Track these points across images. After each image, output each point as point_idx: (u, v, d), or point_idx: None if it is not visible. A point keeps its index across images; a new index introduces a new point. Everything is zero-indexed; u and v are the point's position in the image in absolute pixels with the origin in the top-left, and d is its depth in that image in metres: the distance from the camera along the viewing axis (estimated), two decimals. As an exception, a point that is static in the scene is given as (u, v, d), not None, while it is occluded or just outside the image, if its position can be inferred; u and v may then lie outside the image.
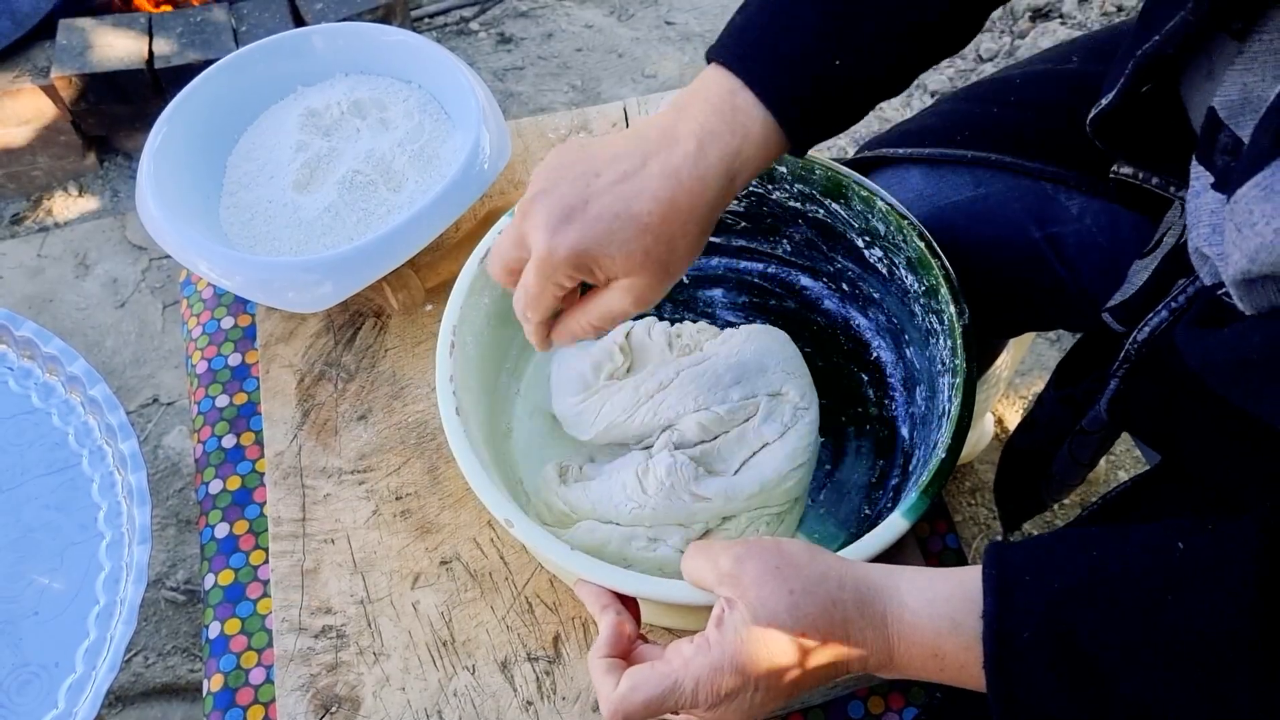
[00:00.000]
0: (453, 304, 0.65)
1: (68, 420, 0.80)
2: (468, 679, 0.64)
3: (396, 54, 0.84)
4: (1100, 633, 0.46)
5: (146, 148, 0.77)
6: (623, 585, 0.55)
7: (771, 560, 0.50)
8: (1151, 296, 0.59)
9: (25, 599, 0.73)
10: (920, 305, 0.68)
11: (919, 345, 0.69)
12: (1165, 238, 0.60)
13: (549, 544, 0.56)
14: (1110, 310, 0.62)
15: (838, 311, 0.78)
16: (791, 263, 0.79)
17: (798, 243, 0.77)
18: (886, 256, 0.70)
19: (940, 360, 0.65)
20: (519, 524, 0.57)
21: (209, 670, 0.67)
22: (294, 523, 0.70)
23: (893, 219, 0.68)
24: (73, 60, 1.62)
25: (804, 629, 0.48)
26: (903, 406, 0.73)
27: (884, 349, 0.75)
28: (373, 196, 0.77)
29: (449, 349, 0.63)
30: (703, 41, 1.92)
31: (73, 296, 1.56)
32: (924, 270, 0.66)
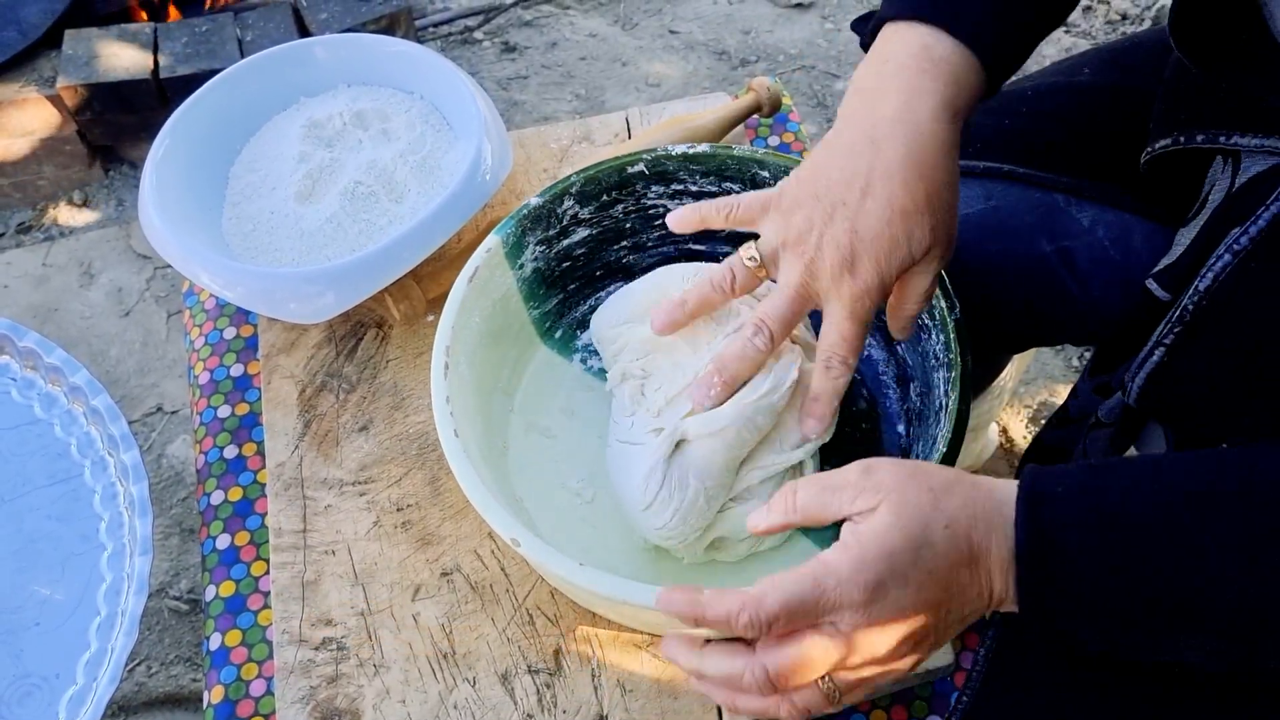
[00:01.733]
0: (444, 325, 0.65)
1: (70, 431, 0.80)
2: (468, 691, 0.63)
3: (399, 65, 0.84)
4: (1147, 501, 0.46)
5: (149, 159, 0.77)
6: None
7: (904, 466, 0.49)
8: (1201, 256, 0.58)
9: (27, 610, 0.73)
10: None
11: (910, 342, 0.69)
12: (1210, 195, 0.59)
13: (558, 561, 0.55)
14: (1156, 276, 0.61)
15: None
16: None
17: None
18: None
19: (934, 355, 0.64)
20: (526, 542, 0.56)
21: (210, 682, 0.67)
22: (295, 534, 0.70)
23: None
24: (78, 70, 1.62)
25: (948, 520, 0.47)
26: (897, 404, 0.72)
27: (874, 347, 0.74)
28: (374, 207, 0.77)
29: (443, 370, 0.63)
30: (706, 50, 1.92)
31: (77, 305, 1.57)
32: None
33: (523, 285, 0.72)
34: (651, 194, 0.73)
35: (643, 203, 0.73)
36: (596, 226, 0.73)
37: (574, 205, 0.71)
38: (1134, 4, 1.88)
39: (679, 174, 0.72)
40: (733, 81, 1.85)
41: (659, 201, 0.73)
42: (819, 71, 1.88)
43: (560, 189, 0.70)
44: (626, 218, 0.74)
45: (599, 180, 0.71)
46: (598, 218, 0.73)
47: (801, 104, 1.82)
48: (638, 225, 0.75)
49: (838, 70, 1.88)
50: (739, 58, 1.90)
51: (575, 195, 0.71)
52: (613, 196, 0.72)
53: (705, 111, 0.86)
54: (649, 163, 0.71)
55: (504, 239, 0.69)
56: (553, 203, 0.70)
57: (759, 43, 1.93)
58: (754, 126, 0.91)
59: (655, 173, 0.72)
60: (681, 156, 0.71)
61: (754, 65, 1.89)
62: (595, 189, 0.71)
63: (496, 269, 0.69)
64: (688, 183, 0.72)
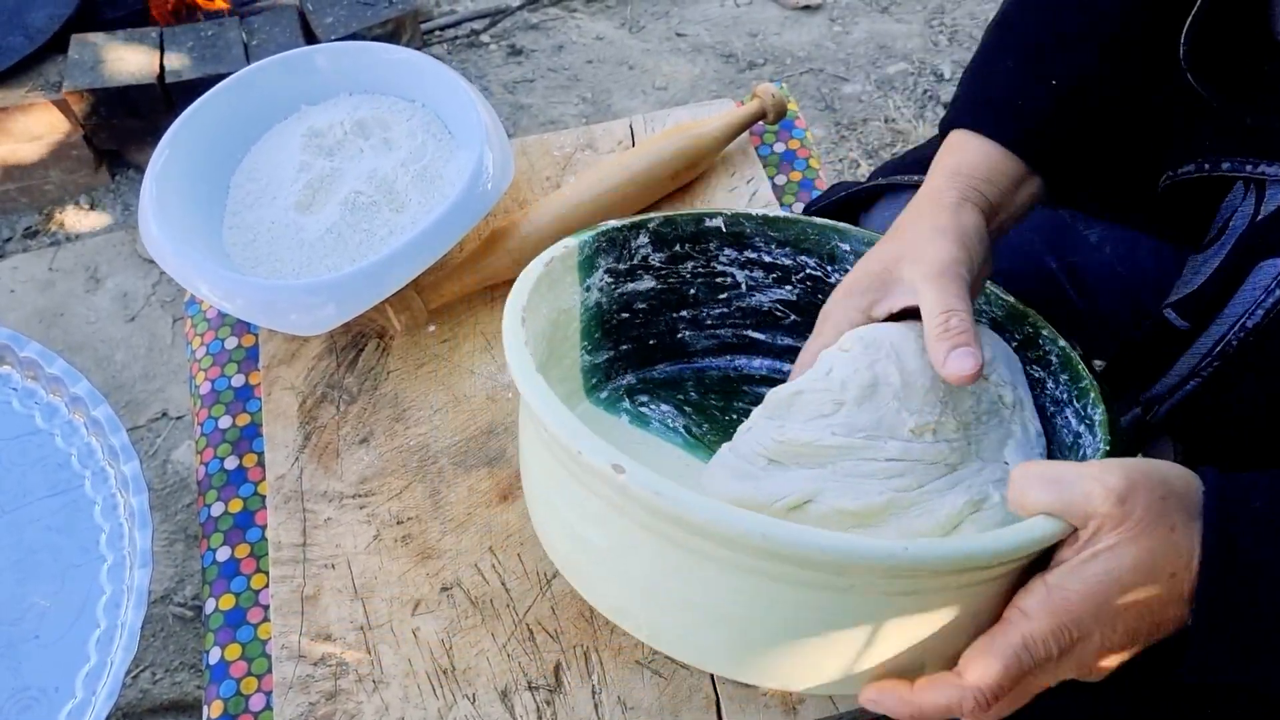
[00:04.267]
0: (518, 295, 0.58)
1: (71, 442, 0.80)
2: (468, 708, 0.63)
3: (400, 73, 0.83)
4: None
5: (149, 169, 0.77)
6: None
7: (1158, 489, 0.44)
8: (1227, 285, 0.57)
9: (26, 622, 0.73)
10: (1022, 359, 0.63)
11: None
12: (1232, 221, 0.58)
13: (680, 496, 0.44)
14: (1174, 306, 0.60)
15: None
16: None
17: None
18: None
19: (1053, 399, 0.61)
20: (630, 469, 0.44)
21: (209, 696, 0.67)
22: (294, 547, 0.70)
23: None
24: (84, 75, 1.62)
25: (1175, 568, 0.43)
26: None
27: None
28: (375, 217, 0.76)
29: (520, 320, 0.56)
30: (713, 53, 1.91)
31: (83, 310, 1.57)
32: (1015, 324, 0.64)
33: (584, 314, 0.68)
34: (723, 257, 0.70)
35: (713, 265, 0.70)
36: (663, 281, 0.70)
37: (647, 245, 0.68)
38: (1145, 6, 1.86)
39: (755, 239, 0.69)
40: (740, 84, 1.84)
41: (728, 269, 0.70)
42: (827, 74, 1.87)
43: (639, 221, 0.68)
44: (694, 280, 0.71)
45: (675, 225, 0.68)
46: (666, 269, 0.70)
47: (809, 107, 1.81)
48: (702, 293, 0.71)
49: (845, 73, 1.87)
50: (746, 60, 1.89)
51: (651, 233, 0.68)
52: (685, 249, 0.69)
53: (710, 119, 0.85)
54: (727, 219, 0.69)
55: (580, 246, 0.65)
56: (629, 231, 0.67)
57: (766, 45, 1.92)
58: (760, 133, 0.91)
59: (731, 232, 0.69)
60: (760, 219, 0.69)
61: (761, 68, 1.88)
62: (670, 233, 0.69)
63: (567, 273, 0.65)
64: (762, 251, 0.70)
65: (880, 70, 1.87)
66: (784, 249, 0.69)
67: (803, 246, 0.69)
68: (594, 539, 0.50)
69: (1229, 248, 0.57)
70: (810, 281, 0.70)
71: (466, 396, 0.75)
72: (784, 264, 0.70)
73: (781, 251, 0.69)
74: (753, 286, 0.71)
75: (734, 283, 0.70)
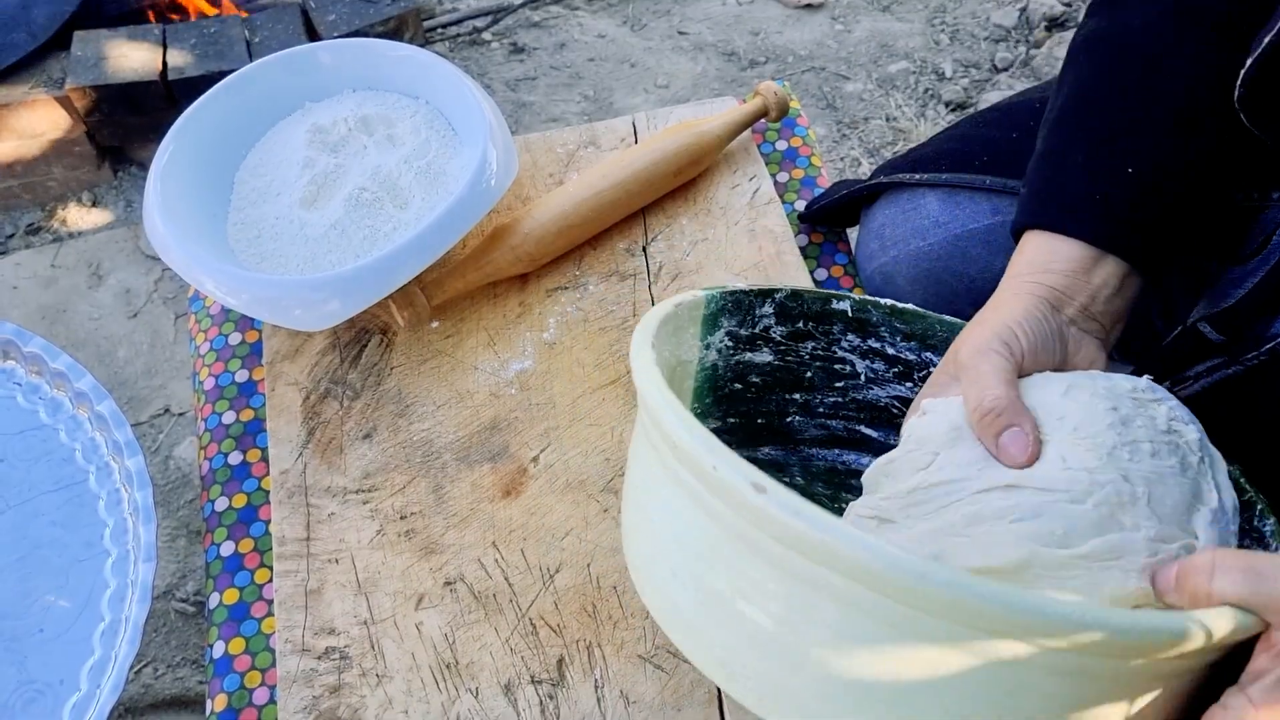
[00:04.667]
0: (648, 325, 0.54)
1: (75, 436, 0.80)
2: (471, 702, 0.63)
3: (404, 70, 0.84)
4: None
5: (153, 166, 0.77)
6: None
7: None
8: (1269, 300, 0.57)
9: (31, 616, 0.73)
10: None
11: None
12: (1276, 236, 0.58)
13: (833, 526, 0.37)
14: (1208, 319, 0.59)
15: None
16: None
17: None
18: None
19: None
20: (772, 489, 0.39)
21: (213, 690, 0.67)
22: (298, 542, 0.70)
23: None
24: (87, 72, 1.62)
25: None
26: None
27: None
28: (379, 214, 0.77)
29: (649, 344, 0.52)
30: (715, 51, 1.92)
31: (86, 307, 1.57)
32: None
33: (700, 373, 0.64)
34: (845, 343, 0.67)
35: (833, 350, 0.67)
36: (781, 357, 0.67)
37: (772, 314, 0.65)
38: (1146, 5, 1.86)
39: (880, 328, 0.66)
40: (742, 83, 1.84)
41: (849, 355, 0.67)
42: (829, 73, 1.87)
43: (766, 290, 0.65)
44: (811, 362, 0.67)
45: (801, 299, 0.65)
46: (786, 346, 0.66)
47: (811, 105, 1.81)
48: (819, 378, 0.67)
49: (848, 71, 1.87)
50: (748, 59, 1.89)
51: (776, 305, 0.65)
52: (808, 327, 0.66)
53: (713, 116, 0.85)
54: (854, 304, 0.66)
55: (708, 300, 0.62)
56: (755, 298, 0.64)
57: (768, 44, 1.92)
58: (762, 131, 0.91)
59: (856, 317, 0.66)
60: (888, 309, 0.66)
61: (763, 66, 1.88)
62: (796, 309, 0.65)
63: (691, 324, 0.62)
64: (886, 341, 0.66)
65: (882, 69, 1.87)
66: (909, 342, 0.66)
67: (929, 342, 0.65)
68: (758, 617, 0.42)
69: (1272, 264, 0.57)
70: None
71: (470, 392, 0.76)
72: (907, 359, 0.66)
73: (906, 345, 0.66)
74: (871, 379, 0.67)
75: (853, 371, 0.67)
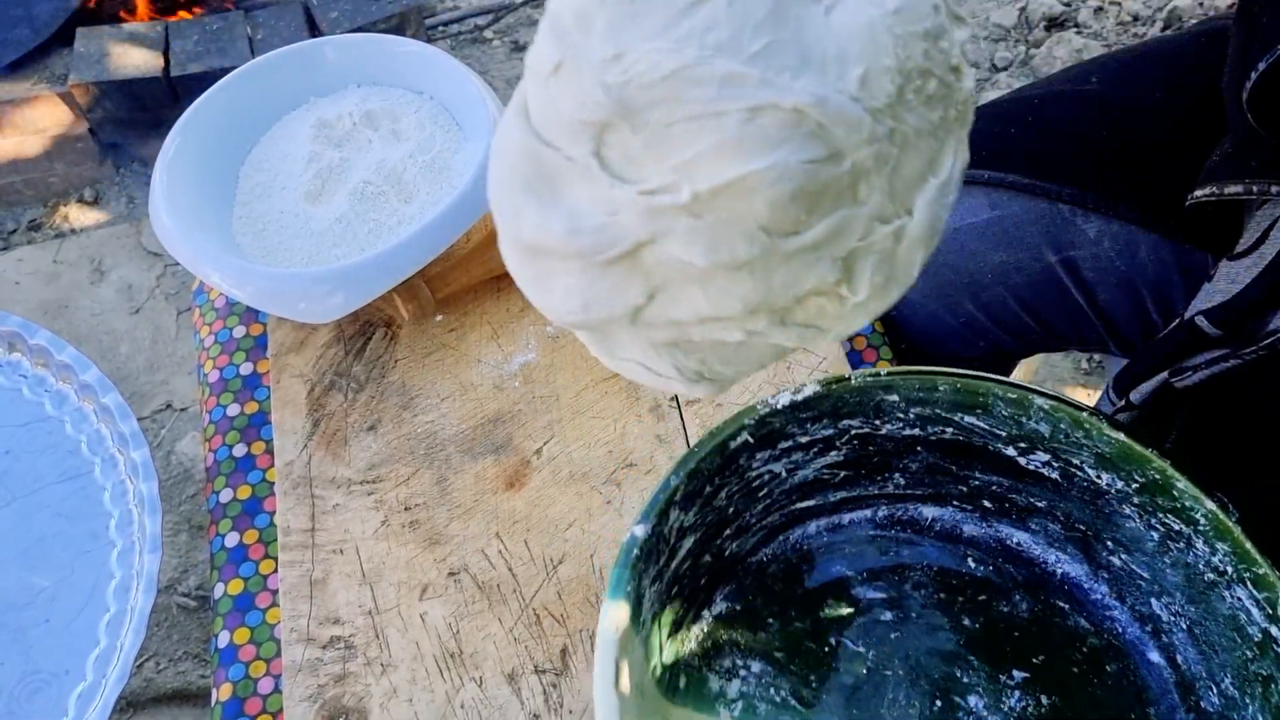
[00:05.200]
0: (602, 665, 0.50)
1: (80, 428, 0.81)
2: (475, 691, 0.64)
3: (409, 65, 0.84)
4: None
5: (160, 159, 0.77)
6: None
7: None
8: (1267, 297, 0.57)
9: (36, 606, 0.74)
10: (1134, 506, 0.56)
11: (1142, 552, 0.57)
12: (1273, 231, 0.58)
13: None
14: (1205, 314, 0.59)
15: (985, 535, 0.63)
16: (906, 496, 0.64)
17: (914, 473, 0.62)
18: (1058, 459, 0.57)
19: (1210, 567, 0.53)
20: None
21: (218, 680, 0.67)
22: (303, 533, 0.70)
23: (1063, 416, 0.56)
24: (90, 68, 1.63)
25: None
26: (1133, 625, 0.59)
27: (1066, 561, 0.61)
28: (384, 207, 0.77)
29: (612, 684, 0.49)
30: (716, 50, 1.92)
31: (88, 302, 1.57)
32: (1131, 465, 0.55)
33: (644, 643, 0.56)
34: (756, 462, 0.59)
35: (746, 476, 0.59)
36: (700, 528, 0.58)
37: (679, 515, 0.56)
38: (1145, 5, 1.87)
39: (787, 428, 0.59)
40: (742, 81, 1.85)
41: (764, 469, 0.60)
42: (829, 72, 1.87)
43: (663, 503, 0.54)
44: (730, 502, 0.60)
45: (701, 473, 0.56)
46: (701, 516, 0.58)
47: (811, 104, 1.82)
48: (740, 504, 0.61)
49: (847, 70, 1.87)
50: (749, 58, 1.90)
51: (679, 503, 0.55)
52: (715, 484, 0.58)
53: (714, 113, 0.86)
54: (753, 429, 0.57)
55: (627, 598, 0.52)
56: (659, 523, 0.54)
57: (769, 43, 1.93)
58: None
59: (760, 437, 0.58)
60: (788, 409, 0.58)
61: (764, 65, 1.89)
62: (698, 485, 0.56)
63: (624, 647, 0.51)
64: (797, 435, 0.59)
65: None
66: (820, 423, 0.59)
67: (843, 412, 0.59)
68: None
69: (1269, 260, 0.57)
70: (858, 440, 0.60)
71: (473, 385, 0.76)
72: (824, 435, 0.60)
73: (819, 426, 0.60)
74: (793, 468, 0.61)
75: (771, 476, 0.60)
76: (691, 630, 0.60)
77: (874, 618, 0.61)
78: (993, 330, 0.79)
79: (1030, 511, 0.61)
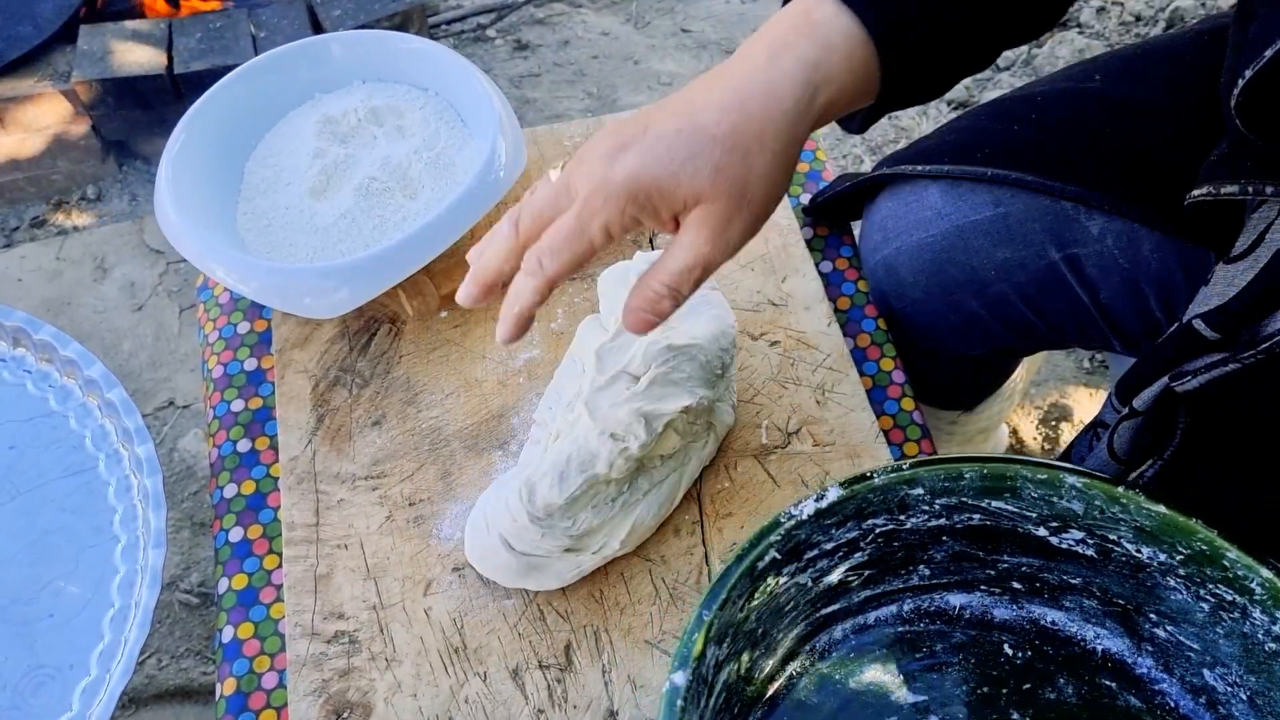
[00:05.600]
0: None
1: (85, 424, 0.81)
2: (479, 686, 0.64)
3: (414, 62, 0.84)
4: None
5: (165, 154, 0.77)
6: None
7: None
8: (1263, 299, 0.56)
9: (41, 601, 0.74)
10: (1179, 579, 0.54)
11: (1191, 623, 0.55)
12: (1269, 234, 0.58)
13: None
14: (1203, 317, 0.59)
15: (1017, 618, 0.61)
16: (931, 586, 0.62)
17: (939, 562, 0.61)
18: (1093, 536, 0.56)
19: (1270, 636, 0.51)
20: None
21: (222, 674, 0.68)
22: (307, 528, 0.70)
23: (1096, 493, 0.54)
24: (93, 65, 1.63)
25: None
26: (1186, 697, 0.57)
27: (1106, 636, 0.59)
28: (389, 203, 0.77)
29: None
30: (719, 49, 1.92)
31: (90, 299, 1.57)
32: (1175, 537, 0.53)
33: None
34: (783, 578, 0.57)
35: (774, 594, 0.57)
36: (732, 659, 0.56)
37: (714, 651, 0.53)
38: (1148, 5, 1.87)
39: (812, 537, 0.56)
40: (745, 80, 1.85)
41: (790, 583, 0.58)
42: (831, 71, 1.87)
43: (700, 644, 0.51)
44: (759, 623, 0.57)
45: (731, 602, 0.54)
46: (733, 646, 0.55)
47: (813, 103, 1.82)
48: (768, 624, 0.58)
49: (850, 70, 1.87)
50: (751, 57, 1.90)
51: (714, 639, 0.53)
52: (744, 609, 0.55)
53: (719, 110, 0.86)
54: (779, 544, 0.55)
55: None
56: (697, 666, 0.51)
57: (771, 42, 1.93)
58: (767, 125, 0.91)
59: (787, 552, 0.56)
60: (813, 518, 0.56)
61: (766, 64, 1.89)
62: (730, 615, 0.54)
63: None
64: (822, 543, 0.57)
65: (884, 67, 1.88)
66: (845, 526, 0.57)
67: (867, 512, 0.57)
68: None
69: (1265, 262, 0.57)
70: (883, 537, 0.59)
71: (478, 381, 0.76)
72: (849, 538, 0.58)
73: (843, 530, 0.57)
74: (818, 576, 0.59)
75: (798, 589, 0.58)
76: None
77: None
78: (996, 327, 0.79)
79: (1064, 589, 0.59)
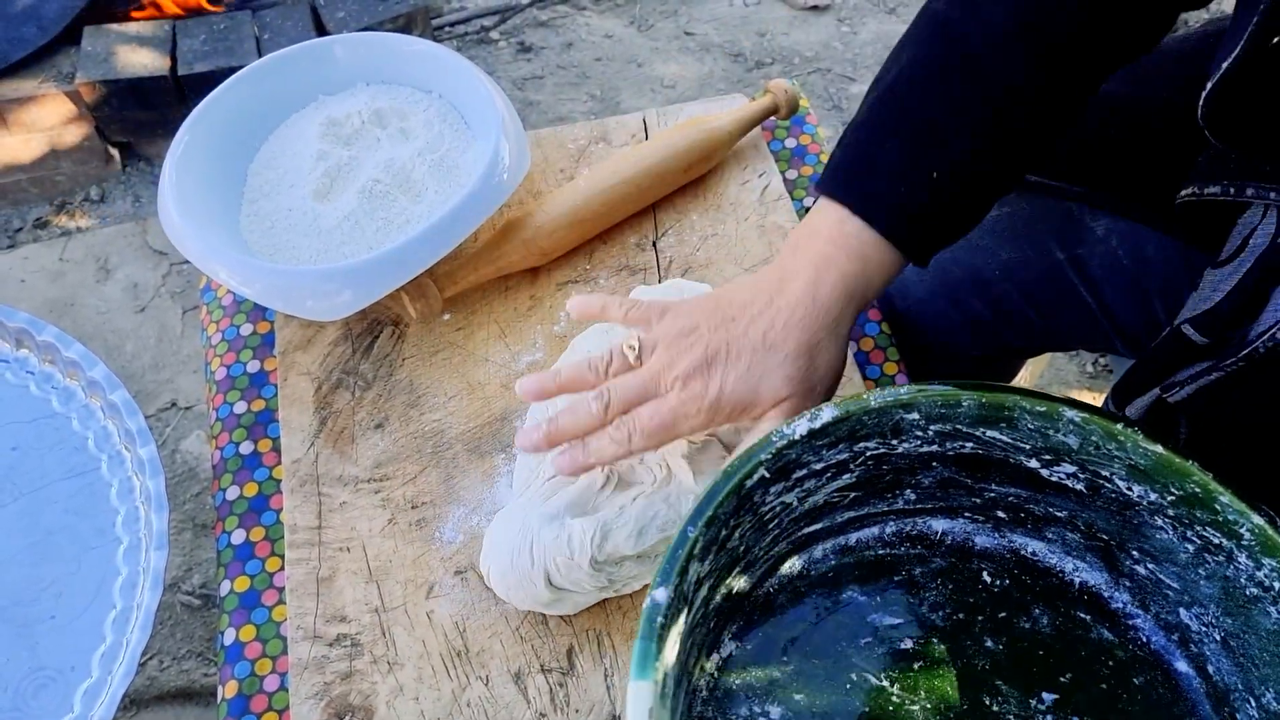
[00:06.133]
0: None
1: (87, 425, 0.81)
2: (481, 690, 0.64)
3: (418, 64, 0.84)
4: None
5: (169, 155, 0.77)
6: None
7: None
8: (1247, 304, 0.57)
9: (43, 603, 0.74)
10: (1167, 519, 0.54)
11: (1173, 563, 0.55)
12: (1252, 240, 0.58)
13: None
14: (1191, 322, 0.60)
15: (998, 546, 0.61)
16: (915, 510, 0.61)
17: (925, 487, 0.60)
18: (1085, 471, 0.55)
19: (1253, 581, 0.51)
20: None
21: (224, 677, 0.67)
22: (310, 530, 0.70)
23: (1094, 428, 0.53)
24: (97, 67, 1.63)
25: None
26: (1158, 633, 0.57)
27: (1085, 569, 0.59)
28: (392, 206, 0.77)
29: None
30: (721, 52, 1.92)
31: (93, 301, 1.57)
32: (1168, 478, 0.52)
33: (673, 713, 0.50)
34: (770, 496, 0.55)
35: (759, 512, 0.56)
36: (713, 575, 0.54)
37: (697, 568, 0.52)
38: (1152, 9, 1.87)
39: (803, 457, 0.55)
40: (748, 84, 1.85)
41: (776, 501, 0.56)
42: (835, 74, 1.88)
43: (683, 559, 0.50)
44: (743, 541, 0.56)
45: (717, 520, 0.52)
46: (715, 562, 0.54)
47: (817, 107, 1.82)
48: (751, 541, 0.57)
49: (853, 73, 1.87)
50: (754, 60, 1.90)
51: (698, 555, 0.51)
52: (730, 525, 0.54)
53: (723, 113, 0.86)
54: (769, 463, 0.53)
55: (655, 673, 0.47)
56: (679, 582, 0.50)
57: (775, 45, 1.93)
58: (771, 128, 0.91)
59: (777, 470, 0.54)
60: (806, 436, 0.54)
61: (769, 67, 1.89)
62: (715, 532, 0.52)
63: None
64: (812, 463, 0.56)
65: (888, 71, 1.88)
66: (836, 448, 0.56)
67: (860, 435, 0.56)
68: None
69: (1248, 266, 0.57)
70: (872, 460, 0.57)
71: (480, 384, 0.76)
72: (839, 459, 0.57)
73: (834, 451, 0.56)
74: (805, 496, 0.58)
75: (784, 507, 0.57)
76: (700, 679, 0.56)
77: (894, 647, 0.57)
78: (999, 328, 0.79)
79: (1048, 521, 0.59)
